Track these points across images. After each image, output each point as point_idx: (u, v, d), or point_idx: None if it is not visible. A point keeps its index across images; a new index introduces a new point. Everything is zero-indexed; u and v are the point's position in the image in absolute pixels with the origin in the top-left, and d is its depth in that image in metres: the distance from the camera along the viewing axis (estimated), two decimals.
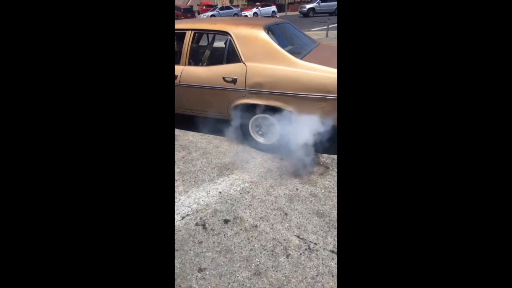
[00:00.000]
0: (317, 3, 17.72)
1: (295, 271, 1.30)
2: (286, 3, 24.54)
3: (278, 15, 18.10)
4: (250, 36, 2.09)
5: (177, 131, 2.77)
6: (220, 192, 1.88)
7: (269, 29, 2.17)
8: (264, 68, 2.02)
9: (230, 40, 2.15)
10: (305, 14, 17.27)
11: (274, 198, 1.79)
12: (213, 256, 1.39)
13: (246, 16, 18.71)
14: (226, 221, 1.62)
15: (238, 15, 18.70)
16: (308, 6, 17.76)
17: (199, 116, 2.55)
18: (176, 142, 2.57)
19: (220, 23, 2.31)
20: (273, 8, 20.21)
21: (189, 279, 1.28)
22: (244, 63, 2.09)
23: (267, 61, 2.02)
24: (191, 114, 2.55)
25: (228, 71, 2.16)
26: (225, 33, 2.18)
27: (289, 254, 1.39)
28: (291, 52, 2.08)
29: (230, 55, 2.20)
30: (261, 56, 2.04)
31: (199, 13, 20.39)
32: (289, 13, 21.23)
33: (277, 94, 2.01)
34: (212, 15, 18.62)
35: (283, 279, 1.27)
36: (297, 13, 20.32)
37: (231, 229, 1.56)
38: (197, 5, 21.17)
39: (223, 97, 2.21)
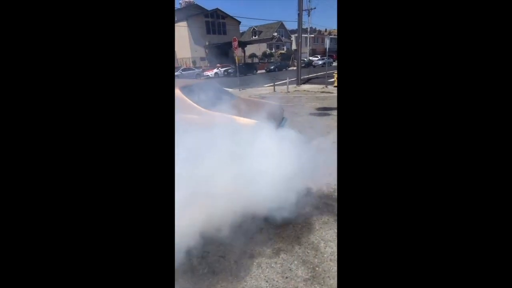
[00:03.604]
0: (180, 71, 20.87)
1: None
2: (241, 63, 27.62)
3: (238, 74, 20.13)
4: None
5: None
6: None
7: (184, 88, 2.72)
8: (181, 117, 2.48)
9: None
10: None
11: None
12: None
13: (208, 76, 20.48)
14: None
15: (200, 76, 20.28)
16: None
17: None
18: None
19: None
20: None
21: None
22: None
23: (182, 111, 2.49)
24: None
25: None
26: None
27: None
28: (201, 104, 2.60)
29: None
30: (177, 108, 2.52)
31: None
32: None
33: None
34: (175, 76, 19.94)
35: None
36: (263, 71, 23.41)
37: None
38: None
39: None
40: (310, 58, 28.37)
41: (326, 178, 2.43)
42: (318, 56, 29.31)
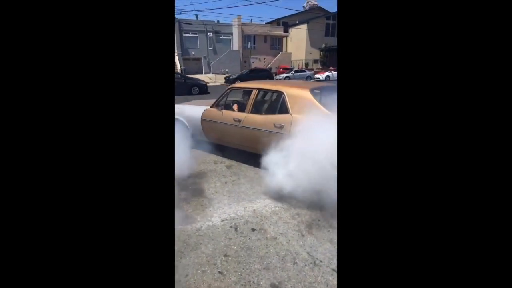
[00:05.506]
0: (292, 73, 21.50)
1: (297, 274, 1.60)
2: None
3: None
4: (299, 95, 2.72)
5: (234, 162, 3.43)
6: (254, 210, 2.33)
7: (313, 90, 2.77)
8: (305, 119, 2.57)
9: (283, 97, 2.82)
10: None
11: (297, 222, 2.13)
12: (236, 249, 1.81)
13: (319, 79, 20.32)
14: (253, 229, 2.04)
15: (310, 78, 20.38)
16: (285, 75, 21.50)
17: (252, 151, 3.17)
18: (230, 170, 3.21)
19: (279, 84, 3.05)
20: None
21: (216, 260, 1.71)
22: (291, 115, 2.68)
23: (307, 113, 2.57)
24: (247, 150, 3.20)
25: (278, 119, 2.78)
26: (280, 92, 2.88)
27: (296, 262, 1.70)
28: (328, 107, 2.59)
29: (282, 108, 2.84)
30: (304, 109, 2.61)
31: (275, 74, 23.00)
32: None
33: None
34: (287, 77, 20.76)
35: (285, 277, 1.58)
36: None
37: (255, 236, 1.96)
38: (276, 67, 24.15)
39: (271, 138, 2.80)
40: None
41: None
42: None
